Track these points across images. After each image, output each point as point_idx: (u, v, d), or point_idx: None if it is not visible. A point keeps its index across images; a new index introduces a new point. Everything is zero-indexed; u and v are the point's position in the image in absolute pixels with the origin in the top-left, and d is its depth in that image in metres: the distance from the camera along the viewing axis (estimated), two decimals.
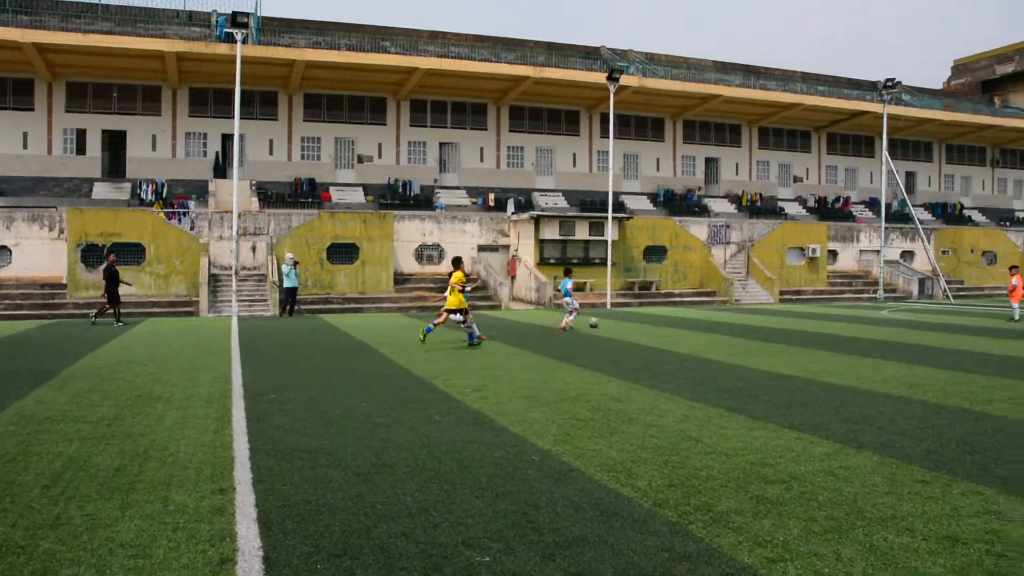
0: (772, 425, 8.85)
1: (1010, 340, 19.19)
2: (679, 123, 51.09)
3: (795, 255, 43.76)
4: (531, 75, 42.65)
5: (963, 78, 71.99)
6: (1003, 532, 5.36)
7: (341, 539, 5.15)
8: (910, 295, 45.27)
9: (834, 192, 55.90)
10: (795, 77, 55.96)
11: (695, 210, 47.91)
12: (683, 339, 19.33)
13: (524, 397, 10.72)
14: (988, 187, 63.81)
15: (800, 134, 55.40)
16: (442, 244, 37.89)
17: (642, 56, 50.98)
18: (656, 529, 5.38)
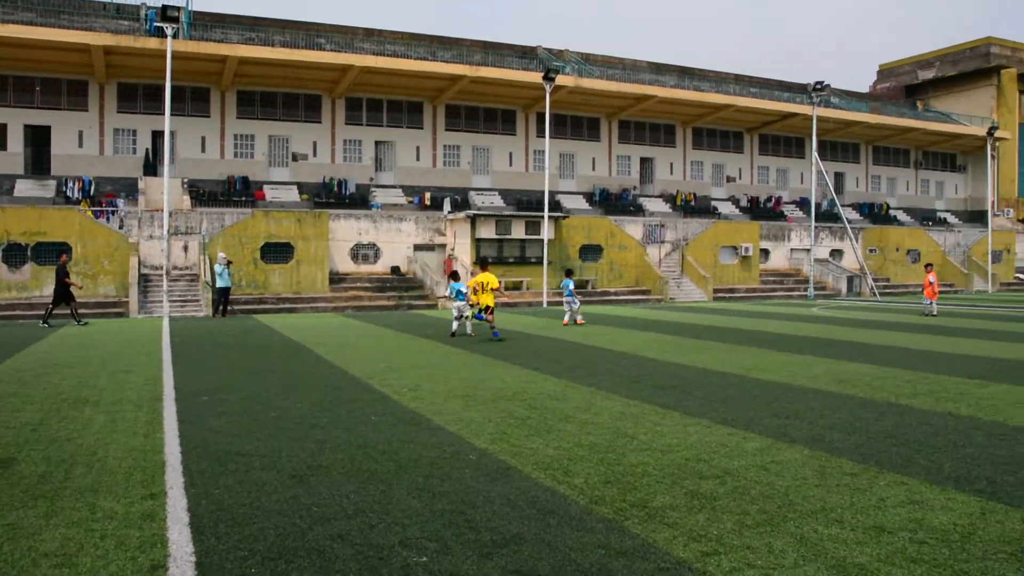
0: (706, 421, 9.00)
1: (931, 335, 19.79)
2: (614, 123, 51.54)
3: (728, 254, 44.50)
4: (467, 74, 42.63)
5: (888, 82, 74.01)
6: (925, 520, 5.54)
7: (276, 542, 5.09)
8: (839, 293, 46.39)
9: (766, 192, 56.98)
10: (728, 79, 56.91)
11: (630, 209, 48.39)
12: (619, 337, 19.52)
13: (460, 396, 10.72)
14: (912, 188, 65.70)
15: (733, 135, 56.35)
16: (378, 243, 37.65)
17: (578, 56, 51.32)
18: (592, 526, 5.43)
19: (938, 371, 13.28)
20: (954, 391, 11.15)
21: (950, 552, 4.94)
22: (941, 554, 4.90)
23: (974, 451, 7.60)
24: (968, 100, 67.53)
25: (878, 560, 4.79)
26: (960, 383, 11.93)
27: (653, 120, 52.73)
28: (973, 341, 18.52)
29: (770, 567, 4.69)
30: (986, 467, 7.01)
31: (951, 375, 12.79)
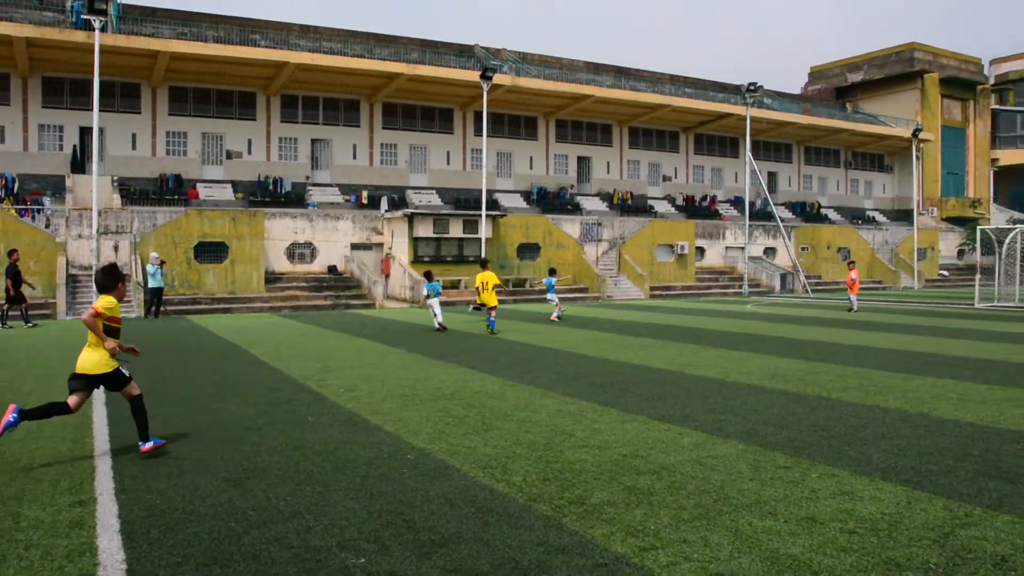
0: (643, 417, 9.10)
1: (860, 331, 20.30)
2: (552, 122, 51.77)
3: (665, 252, 45.04)
4: (404, 72, 42.40)
5: (819, 84, 75.65)
6: (855, 510, 5.70)
7: (211, 547, 5.01)
8: (773, 290, 47.29)
9: (701, 191, 57.80)
10: (664, 79, 57.58)
11: (568, 208, 48.66)
12: (556, 335, 19.61)
13: (398, 396, 10.67)
14: (842, 187, 67.29)
15: (669, 134, 57.03)
16: (315, 243, 37.25)
17: (516, 55, 51.43)
18: (531, 524, 5.45)
19: (867, 365, 13.64)
20: (882, 385, 11.46)
21: (878, 540, 5.08)
22: (870, 543, 5.05)
23: (901, 442, 7.82)
24: (894, 103, 69.40)
25: (810, 550, 4.91)
26: (888, 377, 12.27)
27: (590, 119, 53.09)
28: (900, 336, 19.04)
29: (706, 560, 4.77)
30: (912, 457, 7.22)
31: (879, 369, 13.14)
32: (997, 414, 9.25)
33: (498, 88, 43.43)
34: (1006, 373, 12.64)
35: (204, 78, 41.30)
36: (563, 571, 4.61)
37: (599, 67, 55.24)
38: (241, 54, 39.14)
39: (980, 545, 5.01)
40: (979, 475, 6.64)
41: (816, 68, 77.84)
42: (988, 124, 74.31)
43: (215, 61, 39.24)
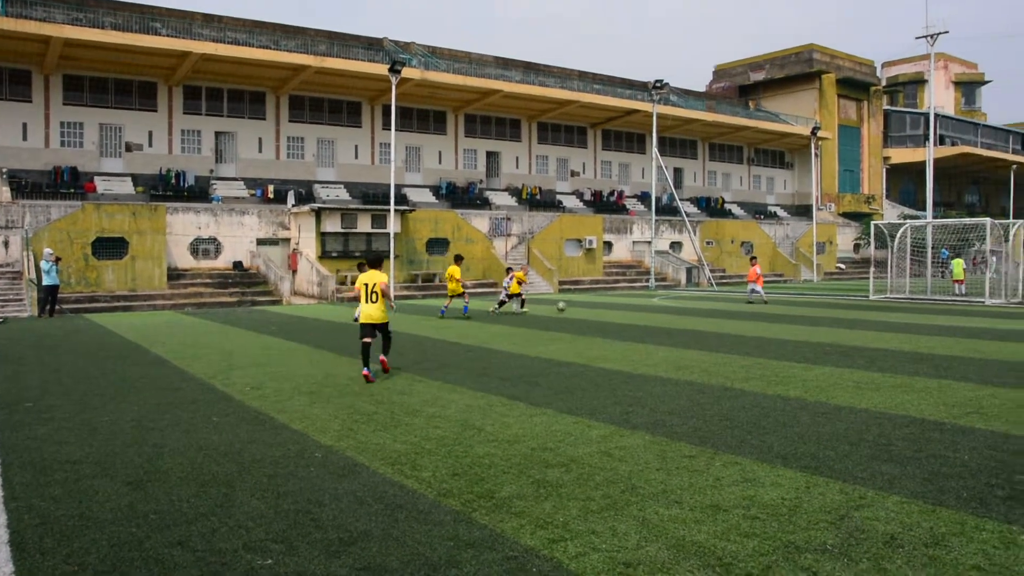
0: (552, 411, 9.18)
1: (762, 323, 20.89)
2: (461, 117, 51.67)
3: (573, 246, 45.48)
4: (312, 64, 41.66)
5: (723, 82, 77.40)
6: (757, 497, 5.88)
7: (110, 554, 4.85)
8: (679, 283, 48.24)
9: (609, 186, 58.50)
10: (572, 75, 58.03)
11: (477, 203, 48.66)
12: (466, 330, 19.63)
13: (305, 393, 10.52)
14: (745, 183, 69.04)
15: (577, 130, 57.54)
16: (219, 238, 36.39)
17: (425, 49, 51.12)
18: (441, 519, 5.45)
19: (768, 356, 14.05)
20: (783, 374, 11.82)
21: (779, 525, 5.25)
22: (771, 527, 5.21)
23: (800, 430, 8.09)
24: (795, 102, 71.48)
25: (715, 537, 5.04)
26: (788, 367, 12.66)
27: (499, 114, 53.18)
28: (800, 327, 19.66)
29: (614, 549, 4.84)
30: (811, 444, 7.48)
31: (780, 360, 13.55)
32: (890, 400, 9.64)
33: (407, 82, 43.10)
34: (898, 361, 13.18)
35: (101, 66, 39.78)
36: (473, 565, 4.62)
37: (508, 62, 55.36)
38: (141, 42, 37.79)
39: (872, 525, 5.23)
40: (872, 459, 6.92)
41: (720, 67, 79.64)
42: (881, 124, 77.25)
43: (113, 49, 37.80)
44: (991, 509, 5.56)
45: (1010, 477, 6.36)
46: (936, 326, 19.85)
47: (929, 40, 45.66)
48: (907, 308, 26.83)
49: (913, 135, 79.16)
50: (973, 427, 8.18)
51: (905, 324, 20.46)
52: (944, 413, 8.88)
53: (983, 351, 14.57)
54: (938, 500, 5.76)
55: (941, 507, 5.61)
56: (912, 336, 17.39)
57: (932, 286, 35.15)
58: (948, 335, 17.59)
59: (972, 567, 4.54)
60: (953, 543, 4.91)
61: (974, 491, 5.99)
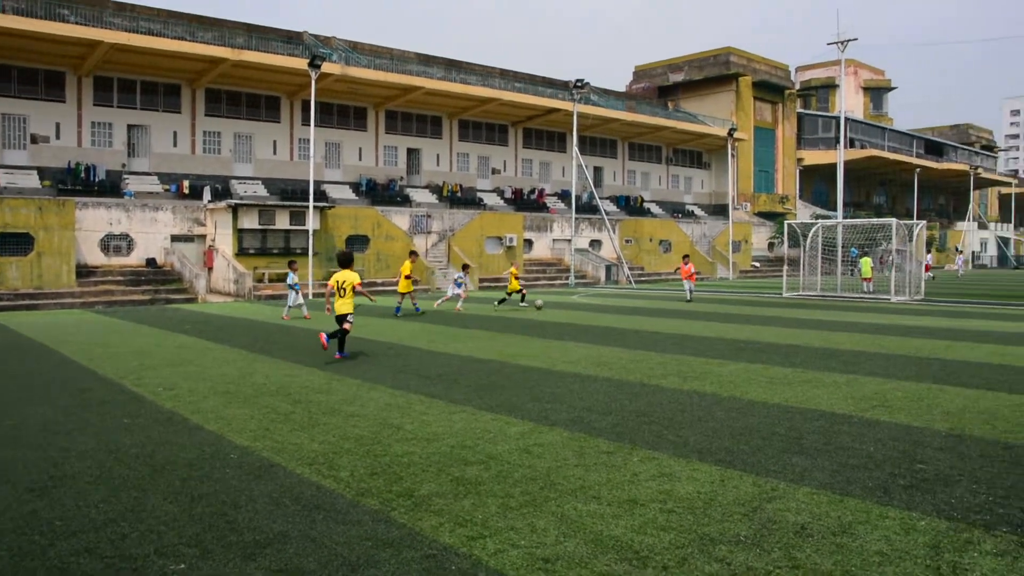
0: (471, 408, 9.19)
1: (679, 320, 21.27)
2: (382, 113, 51.25)
3: (494, 244, 45.56)
4: (229, 57, 40.74)
5: (643, 83, 78.43)
6: (673, 491, 5.99)
7: (10, 565, 4.67)
8: (598, 281, 48.74)
9: (529, 184, 58.76)
10: (494, 73, 58.09)
11: (397, 200, 48.34)
12: (384, 328, 19.50)
13: (221, 393, 10.31)
14: (664, 182, 70.13)
15: (498, 128, 57.63)
16: (132, 234, 35.35)
17: (346, 44, 50.53)
18: (359, 519, 5.41)
19: (685, 353, 14.31)
20: (699, 371, 12.05)
21: (694, 518, 5.36)
22: (687, 520, 5.32)
23: (715, 424, 8.26)
24: (712, 103, 72.86)
25: (632, 531, 5.12)
26: (704, 363, 12.92)
27: (420, 111, 52.92)
28: (715, 324, 20.07)
29: (533, 546, 4.87)
30: (725, 438, 7.64)
31: (696, 356, 13.82)
32: (801, 395, 9.92)
33: (327, 77, 42.52)
34: (809, 357, 13.57)
35: (4, 54, 38.20)
36: (391, 564, 4.60)
37: (430, 59, 55.11)
38: (47, 29, 36.36)
39: (784, 516, 5.38)
40: (784, 452, 7.11)
41: (640, 67, 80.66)
42: (794, 126, 79.32)
43: (16, 35, 36.28)
44: (894, 497, 5.79)
45: (911, 467, 6.61)
46: (845, 322, 20.49)
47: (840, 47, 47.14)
48: (818, 305, 27.63)
49: (825, 138, 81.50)
50: (879, 420, 8.47)
51: (816, 321, 21.06)
52: (852, 407, 9.18)
53: (888, 346, 15.11)
54: (845, 490, 5.96)
55: (848, 497, 5.80)
56: (823, 332, 17.91)
57: (842, 284, 36.27)
58: (856, 331, 18.17)
59: (876, 553, 4.71)
60: (859, 531, 5.09)
61: (879, 481, 6.21)
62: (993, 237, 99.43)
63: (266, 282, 35.39)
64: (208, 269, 36.00)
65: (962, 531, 5.10)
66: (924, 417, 8.59)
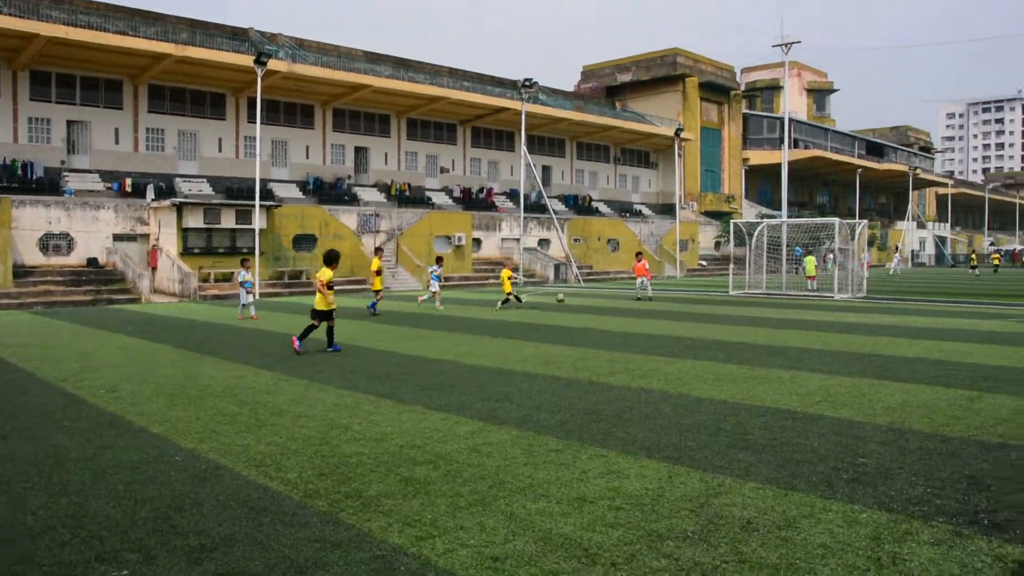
0: (420, 408, 9.16)
1: (627, 318, 21.43)
2: (329, 111, 50.82)
3: (442, 243, 45.47)
4: (173, 53, 40.06)
5: (591, 83, 78.87)
6: (622, 488, 6.03)
7: None
8: (547, 280, 48.90)
9: (478, 183, 58.74)
10: (443, 72, 57.93)
11: (345, 199, 47.98)
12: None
13: (166, 395, 10.14)
14: (612, 182, 70.61)
15: (447, 127, 57.51)
16: (72, 233, 34.58)
17: (292, 41, 49.99)
18: (307, 520, 5.36)
19: (633, 351, 14.42)
20: (646, 368, 12.16)
21: (642, 514, 5.40)
22: (635, 517, 5.36)
23: (663, 422, 8.34)
24: (659, 103, 73.55)
25: (581, 528, 5.14)
26: (651, 360, 13.03)
27: (368, 110, 52.58)
28: (663, 322, 20.26)
29: (482, 545, 4.87)
30: (673, 435, 7.72)
31: (644, 354, 13.94)
32: (746, 391, 10.07)
33: (273, 74, 42.02)
34: (755, 354, 13.77)
35: None
36: (340, 566, 4.56)
37: (378, 57, 54.77)
38: None
39: (730, 511, 5.46)
40: (730, 448, 7.21)
41: (588, 67, 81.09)
42: (740, 126, 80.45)
43: None
44: (837, 491, 5.90)
45: (854, 461, 6.75)
46: (790, 320, 20.83)
47: (784, 49, 47.85)
48: (764, 303, 28.04)
49: (770, 138, 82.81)
50: (822, 415, 8.63)
51: (762, 318, 21.38)
52: (796, 402, 9.33)
53: (831, 343, 15.39)
54: (790, 485, 6.06)
55: (793, 491, 5.90)
56: (768, 330, 18.19)
57: (787, 282, 36.88)
58: (801, 328, 18.49)
59: (819, 546, 4.80)
60: (803, 524, 5.18)
61: (822, 475, 6.33)
62: (931, 236, 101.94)
63: (212, 282, 34.88)
64: (152, 269, 35.37)
65: (901, 522, 5.22)
66: (866, 412, 8.77)
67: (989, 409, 8.89)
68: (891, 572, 4.42)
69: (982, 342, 15.43)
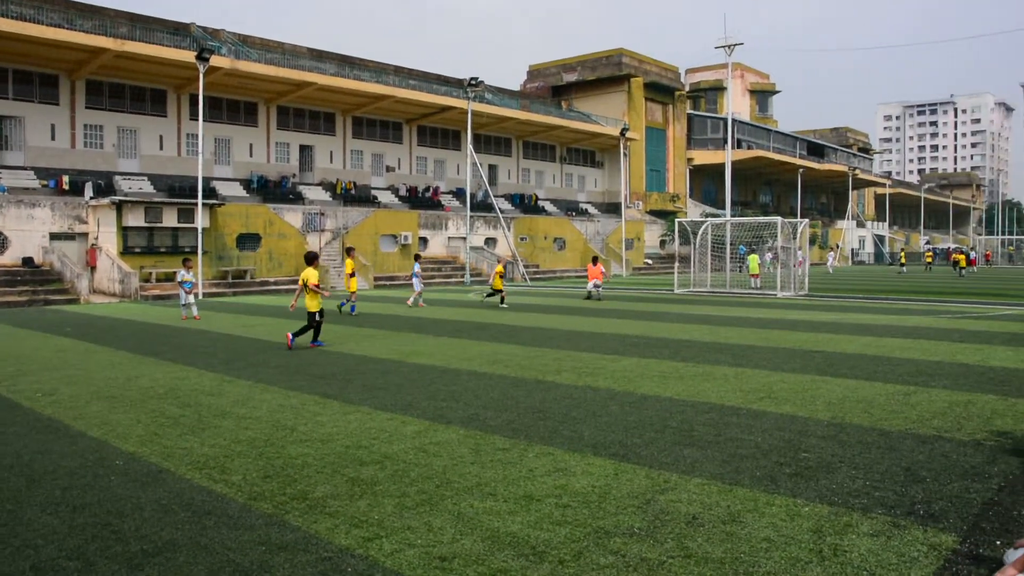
0: (366, 408, 9.10)
1: (573, 316, 21.54)
2: (273, 109, 50.21)
3: (388, 242, 45.23)
4: (112, 48, 39.14)
5: (537, 82, 79.06)
6: (568, 485, 6.06)
7: None
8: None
9: (424, 182, 58.52)
10: (388, 70, 57.56)
11: (290, 197, 47.42)
12: (278, 328, 19.12)
13: (106, 398, 9.92)
14: (558, 181, 70.88)
15: (393, 125, 57.19)
16: (5, 232, 33.64)
17: (235, 37, 49.25)
18: (252, 523, 5.29)
19: (579, 349, 14.49)
20: (592, 366, 12.23)
21: (589, 512, 5.43)
22: (582, 514, 5.39)
23: (609, 419, 8.40)
24: (605, 103, 74.00)
25: (528, 526, 5.15)
26: (598, 359, 13.11)
27: (313, 107, 52.05)
28: (609, 320, 20.40)
29: (430, 544, 4.86)
30: (619, 432, 7.77)
31: (590, 352, 14.01)
32: (692, 388, 10.18)
33: (216, 71, 41.36)
34: (700, 351, 13.94)
35: None
36: (286, 568, 4.51)
37: (323, 55, 54.23)
38: None
39: (676, 507, 5.52)
40: (676, 444, 7.28)
41: (535, 67, 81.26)
42: (684, 127, 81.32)
43: None
44: (780, 485, 6.00)
45: (796, 455, 6.87)
46: (734, 317, 21.13)
47: (727, 50, 48.52)
48: (708, 301, 28.40)
49: (714, 138, 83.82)
50: (766, 411, 8.77)
51: (706, 316, 21.64)
52: (741, 399, 9.46)
53: (774, 340, 15.64)
54: (735, 480, 6.15)
55: (737, 486, 5.98)
56: (713, 327, 18.42)
57: (731, 280, 37.39)
58: (744, 326, 18.76)
59: (763, 539, 4.88)
60: (747, 519, 5.26)
61: (766, 470, 6.43)
62: (870, 235, 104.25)
63: (153, 282, 34.25)
64: (91, 268, 34.58)
65: (842, 515, 5.33)
66: (808, 407, 8.93)
67: (925, 403, 9.12)
68: (832, 564, 4.51)
69: (917, 338, 15.82)
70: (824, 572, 4.41)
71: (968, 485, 6.02)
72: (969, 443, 7.28)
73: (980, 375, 11.13)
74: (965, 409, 8.80)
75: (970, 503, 5.61)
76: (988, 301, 26.91)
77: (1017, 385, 10.27)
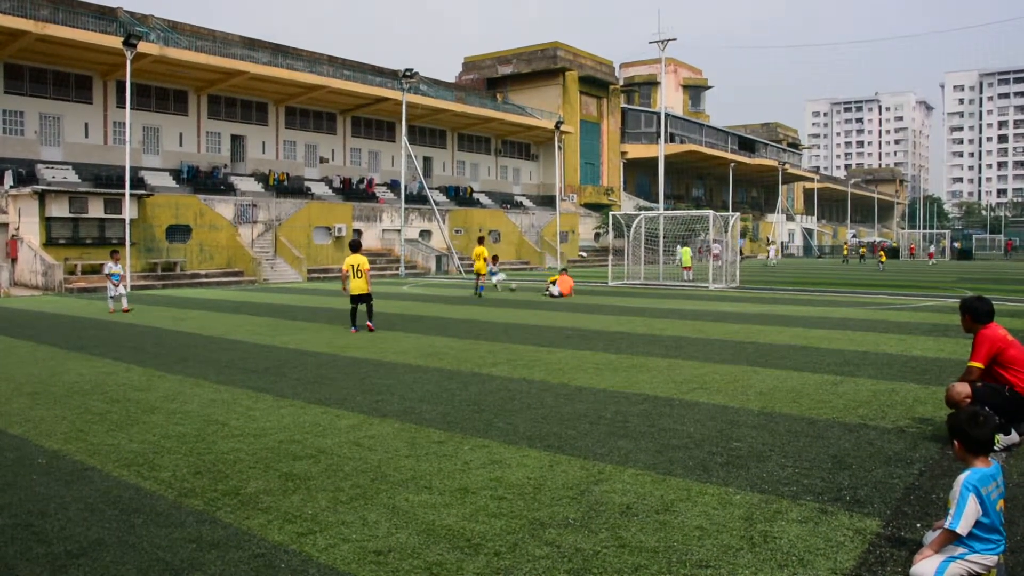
0: (300, 402, 9.00)
1: (508, 309, 21.58)
2: (204, 97, 49.19)
3: (322, 234, 44.74)
4: (32, 31, 37.83)
5: (472, 74, 78.88)
6: (504, 478, 6.07)
7: None
8: (429, 271, 48.75)
9: (358, 174, 57.98)
10: (322, 60, 56.83)
11: (221, 188, 46.55)
12: (209, 321, 18.79)
13: (28, 394, 9.63)
14: (493, 173, 70.88)
15: (327, 116, 56.52)
16: None
17: (165, 23, 48.10)
18: (182, 520, 5.19)
19: (514, 341, 14.54)
20: (528, 358, 12.27)
21: (524, 503, 5.45)
22: (517, 506, 5.41)
23: (544, 411, 8.44)
24: (540, 96, 74.19)
25: (464, 519, 5.15)
26: (533, 351, 13.17)
27: (245, 97, 51.14)
28: (544, 312, 20.49)
29: (364, 539, 4.83)
30: (554, 424, 7.82)
31: (526, 344, 14.06)
32: (626, 380, 10.28)
33: (144, 57, 40.32)
34: (633, 343, 14.08)
35: None
36: (217, 566, 4.44)
37: (255, 43, 53.29)
38: None
39: (610, 498, 5.57)
40: (610, 435, 7.35)
41: (470, 59, 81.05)
42: (619, 121, 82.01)
43: None
44: (712, 475, 6.10)
45: (728, 445, 6.99)
46: (667, 309, 21.40)
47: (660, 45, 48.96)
48: (642, 293, 28.70)
49: (647, 132, 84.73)
50: (698, 401, 8.90)
51: (640, 308, 21.88)
52: (674, 390, 9.60)
53: (706, 331, 15.89)
54: (668, 470, 6.23)
55: (670, 476, 6.07)
56: (646, 319, 18.63)
57: (664, 272, 37.86)
58: (677, 318, 19.01)
59: (696, 528, 4.96)
60: (680, 508, 5.34)
61: (698, 460, 6.53)
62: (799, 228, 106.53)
63: (79, 274, 33.33)
64: (12, 260, 33.50)
65: (772, 502, 5.44)
66: (739, 397, 9.10)
67: (851, 392, 9.37)
68: (763, 550, 4.61)
69: (844, 329, 16.22)
70: (755, 559, 4.50)
71: (891, 471, 6.21)
72: (893, 430, 7.50)
73: (903, 364, 11.47)
74: (889, 397, 9.07)
75: (893, 488, 5.78)
76: (907, 292, 27.71)
77: (937, 373, 10.61)
